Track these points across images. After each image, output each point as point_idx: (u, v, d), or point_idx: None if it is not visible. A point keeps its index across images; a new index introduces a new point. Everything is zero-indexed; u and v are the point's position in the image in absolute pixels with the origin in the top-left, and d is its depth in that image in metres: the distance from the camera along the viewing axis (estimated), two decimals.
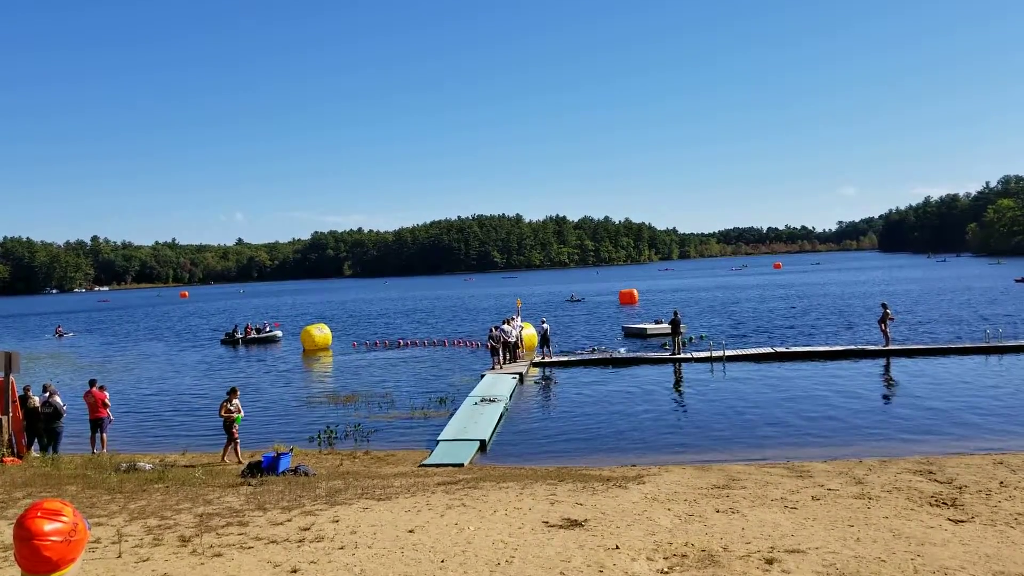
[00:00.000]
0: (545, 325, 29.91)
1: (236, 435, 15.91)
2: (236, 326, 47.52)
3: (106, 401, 17.25)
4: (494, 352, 27.33)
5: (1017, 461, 12.28)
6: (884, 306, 28.58)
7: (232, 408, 15.88)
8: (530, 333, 32.27)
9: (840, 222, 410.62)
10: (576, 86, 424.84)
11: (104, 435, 17.20)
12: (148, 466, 14.34)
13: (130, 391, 27.26)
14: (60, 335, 56.52)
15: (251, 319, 55.73)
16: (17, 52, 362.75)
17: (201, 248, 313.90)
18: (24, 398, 16.31)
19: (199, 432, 19.88)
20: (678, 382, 24.05)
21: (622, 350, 30.95)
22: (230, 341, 44.51)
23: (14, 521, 2.70)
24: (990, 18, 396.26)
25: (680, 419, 18.58)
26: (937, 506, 9.54)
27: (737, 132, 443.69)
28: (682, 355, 28.14)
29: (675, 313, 29.85)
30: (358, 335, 46.12)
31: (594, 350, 31.18)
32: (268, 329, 46.27)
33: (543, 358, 28.79)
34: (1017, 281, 64.16)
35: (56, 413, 16.41)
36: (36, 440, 16.48)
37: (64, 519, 2.41)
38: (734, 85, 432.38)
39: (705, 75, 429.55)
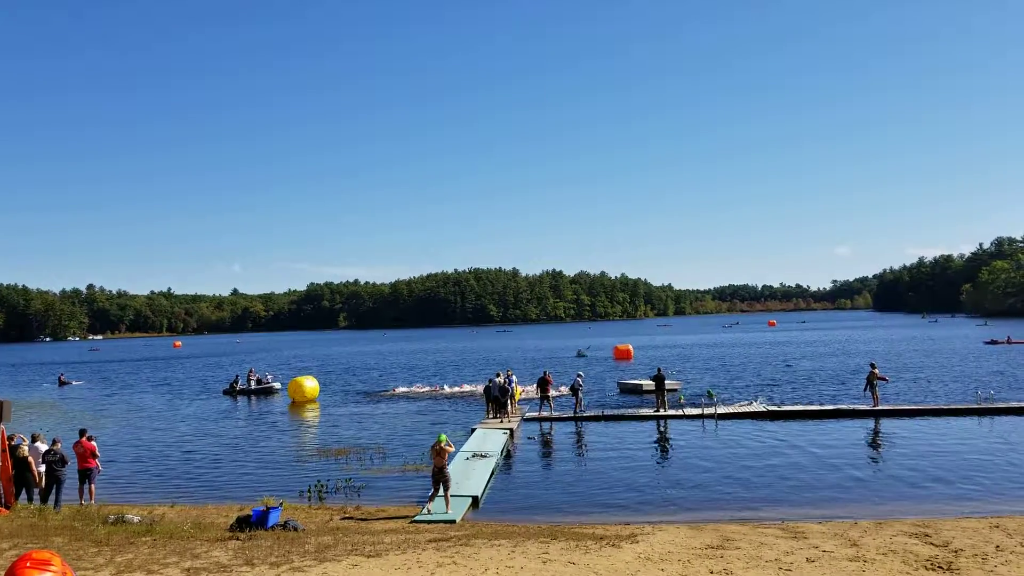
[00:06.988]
0: (580, 378, 29.78)
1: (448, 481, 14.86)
2: (237, 376, 47.36)
3: (95, 452, 17.12)
4: (488, 402, 27.88)
5: (1013, 525, 12.22)
6: (872, 366, 28.72)
7: (444, 449, 14.81)
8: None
9: (835, 281, 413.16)
10: (574, 138, 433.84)
11: (92, 486, 17.03)
12: (136, 518, 14.15)
13: (121, 441, 26.99)
14: (63, 383, 55.95)
15: (256, 368, 55.44)
16: (12, 99, 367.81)
17: (196, 298, 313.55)
18: (13, 447, 16.18)
19: (188, 484, 19.69)
20: (670, 439, 23.88)
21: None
22: (231, 392, 44.37)
23: (3, 572, 2.75)
24: (988, 82, 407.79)
25: (672, 477, 18.42)
26: (933, 570, 9.48)
27: (733, 191, 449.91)
28: (672, 412, 28.05)
29: (658, 370, 29.82)
30: (374, 385, 46.77)
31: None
32: (269, 380, 46.25)
33: (576, 410, 28.55)
34: (986, 343, 65.55)
35: (63, 460, 16.33)
36: (24, 490, 16.29)
37: (53, 569, 2.45)
38: (732, 143, 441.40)
39: (703, 130, 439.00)
